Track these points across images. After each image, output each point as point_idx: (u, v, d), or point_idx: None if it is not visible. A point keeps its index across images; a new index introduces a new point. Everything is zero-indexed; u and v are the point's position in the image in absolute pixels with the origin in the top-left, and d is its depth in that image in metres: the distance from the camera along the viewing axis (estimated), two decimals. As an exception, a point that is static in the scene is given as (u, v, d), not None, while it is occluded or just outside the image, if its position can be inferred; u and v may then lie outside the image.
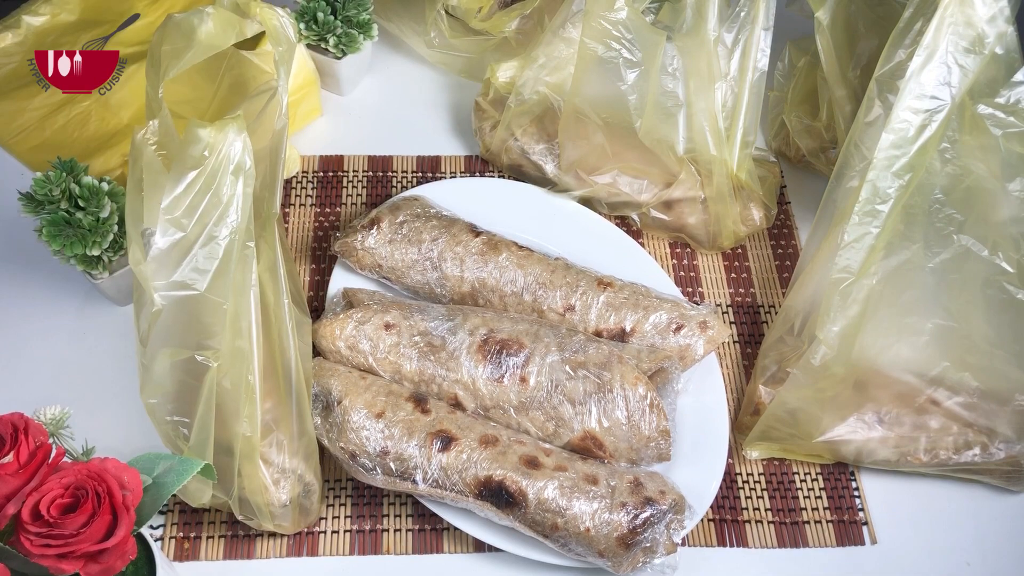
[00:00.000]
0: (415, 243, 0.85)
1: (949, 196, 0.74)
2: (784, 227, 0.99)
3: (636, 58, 0.82)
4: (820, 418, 0.78)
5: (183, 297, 0.61)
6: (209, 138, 0.61)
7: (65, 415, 0.58)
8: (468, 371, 0.78)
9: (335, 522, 0.79)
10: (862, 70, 0.89)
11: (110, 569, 0.51)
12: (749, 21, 0.84)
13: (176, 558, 0.76)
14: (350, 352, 0.79)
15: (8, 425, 0.53)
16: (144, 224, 0.62)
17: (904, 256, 0.75)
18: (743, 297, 0.94)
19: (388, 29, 1.08)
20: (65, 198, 0.76)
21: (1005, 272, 0.75)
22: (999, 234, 0.74)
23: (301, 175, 1.00)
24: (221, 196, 0.62)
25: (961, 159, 0.73)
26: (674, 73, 0.85)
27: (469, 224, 0.88)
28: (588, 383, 0.77)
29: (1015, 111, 0.72)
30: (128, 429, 0.80)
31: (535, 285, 0.84)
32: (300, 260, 0.94)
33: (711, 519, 0.80)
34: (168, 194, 0.61)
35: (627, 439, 0.76)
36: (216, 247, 0.62)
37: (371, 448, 0.73)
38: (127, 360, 0.85)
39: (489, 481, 0.72)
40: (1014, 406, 0.78)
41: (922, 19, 0.74)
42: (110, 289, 0.85)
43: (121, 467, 0.54)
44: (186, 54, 0.65)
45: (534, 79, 0.91)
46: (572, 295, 0.83)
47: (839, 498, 0.82)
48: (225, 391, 0.63)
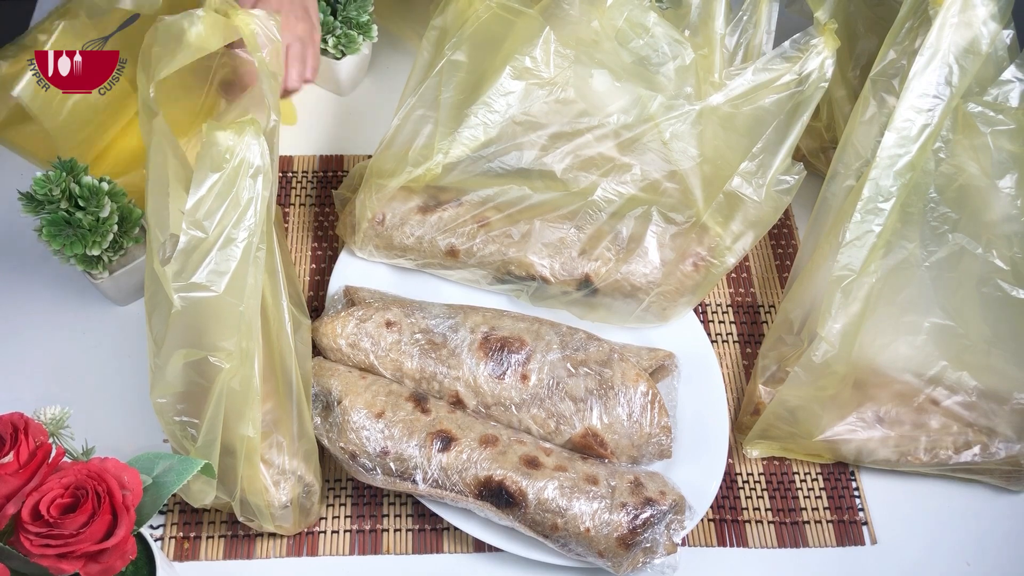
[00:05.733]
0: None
1: (943, 195, 0.75)
2: (784, 227, 0.99)
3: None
4: (820, 417, 0.78)
5: (200, 299, 0.61)
6: (229, 141, 0.62)
7: (65, 415, 0.58)
8: (469, 368, 0.78)
9: (335, 522, 0.79)
10: (862, 70, 0.90)
11: (110, 569, 0.51)
12: (752, 25, 0.84)
13: (176, 558, 0.76)
14: (351, 350, 0.79)
15: (8, 425, 0.53)
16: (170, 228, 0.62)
17: (901, 255, 0.76)
18: (743, 297, 0.94)
19: (388, 30, 1.08)
20: (65, 198, 0.76)
21: (1000, 270, 0.75)
22: (992, 232, 0.75)
23: (301, 175, 1.00)
24: (240, 199, 0.62)
25: (954, 158, 0.74)
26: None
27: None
28: (589, 380, 0.77)
29: (1003, 109, 0.73)
30: (128, 429, 0.80)
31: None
32: (300, 260, 0.94)
33: (711, 519, 0.80)
34: (191, 196, 0.61)
35: (628, 436, 0.76)
36: (235, 249, 0.62)
37: (371, 448, 0.73)
38: (127, 360, 0.85)
39: (489, 481, 0.72)
40: (1013, 405, 0.78)
41: (913, 18, 0.74)
42: (110, 289, 0.85)
43: (121, 467, 0.54)
44: (176, 56, 0.65)
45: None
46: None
47: (839, 498, 0.82)
48: (234, 392, 0.63)
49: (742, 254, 0.85)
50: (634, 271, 0.84)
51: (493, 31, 0.81)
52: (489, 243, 0.85)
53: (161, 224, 0.65)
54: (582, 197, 0.84)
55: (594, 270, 0.84)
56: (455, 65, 0.81)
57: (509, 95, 0.80)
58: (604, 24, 0.80)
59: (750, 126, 0.80)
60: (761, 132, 0.80)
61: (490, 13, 0.80)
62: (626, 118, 0.81)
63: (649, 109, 0.81)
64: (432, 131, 0.82)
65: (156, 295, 0.63)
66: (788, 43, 0.79)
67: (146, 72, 0.67)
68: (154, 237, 0.65)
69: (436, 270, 0.89)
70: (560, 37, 0.79)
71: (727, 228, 0.84)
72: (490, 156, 0.83)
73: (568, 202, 0.85)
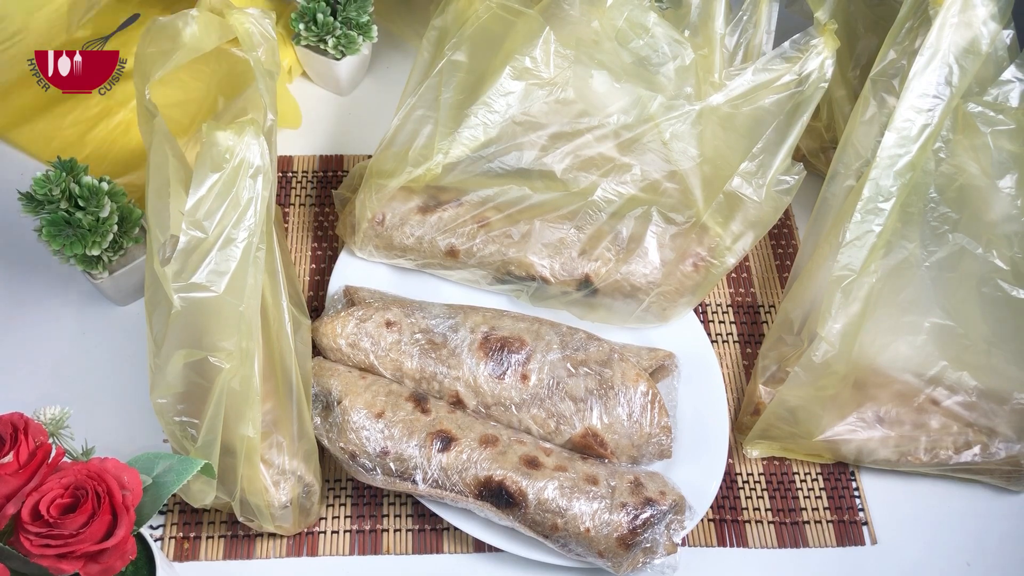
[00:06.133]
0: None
1: (943, 195, 0.75)
2: (784, 227, 0.99)
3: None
4: (820, 416, 0.78)
5: (200, 299, 0.61)
6: (229, 141, 0.62)
7: (65, 415, 0.58)
8: (469, 368, 0.78)
9: (335, 522, 0.79)
10: (862, 70, 0.90)
11: (110, 569, 0.51)
12: (752, 25, 0.84)
13: (176, 558, 0.76)
14: (351, 350, 0.79)
15: (8, 425, 0.53)
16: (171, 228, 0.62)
17: (901, 255, 0.76)
18: (743, 297, 0.94)
19: (388, 30, 1.08)
20: (65, 198, 0.76)
21: (1000, 270, 0.75)
22: (992, 232, 0.75)
23: (301, 175, 1.00)
24: (240, 199, 0.62)
25: (954, 158, 0.74)
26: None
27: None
28: (589, 380, 0.77)
29: (1003, 109, 0.73)
30: (128, 429, 0.80)
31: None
32: (300, 260, 0.94)
33: (711, 519, 0.80)
34: (191, 196, 0.61)
35: (628, 436, 0.76)
36: (235, 249, 0.62)
37: (371, 448, 0.73)
38: (127, 360, 0.85)
39: (489, 481, 0.72)
40: (1013, 405, 0.78)
41: (913, 18, 0.74)
42: (110, 289, 0.85)
43: (121, 467, 0.54)
44: (171, 56, 0.65)
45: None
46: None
47: (839, 498, 0.82)
48: (234, 392, 0.63)
49: (742, 254, 0.85)
50: (634, 271, 0.84)
51: (493, 31, 0.81)
52: (489, 243, 0.85)
53: (161, 224, 0.65)
54: (582, 197, 0.84)
55: (594, 270, 0.84)
56: (455, 65, 0.81)
57: (509, 95, 0.80)
58: (604, 24, 0.80)
59: (750, 126, 0.80)
60: (761, 132, 0.80)
61: (490, 13, 0.80)
62: (626, 118, 0.81)
63: (649, 109, 0.81)
64: (432, 131, 0.82)
65: (156, 295, 0.63)
66: (788, 43, 0.79)
67: (142, 73, 0.67)
68: (154, 237, 0.65)
69: (436, 270, 0.89)
70: (560, 37, 0.79)
71: (727, 228, 0.84)
72: (490, 156, 0.83)
73: (568, 202, 0.85)
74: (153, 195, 0.66)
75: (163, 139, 0.67)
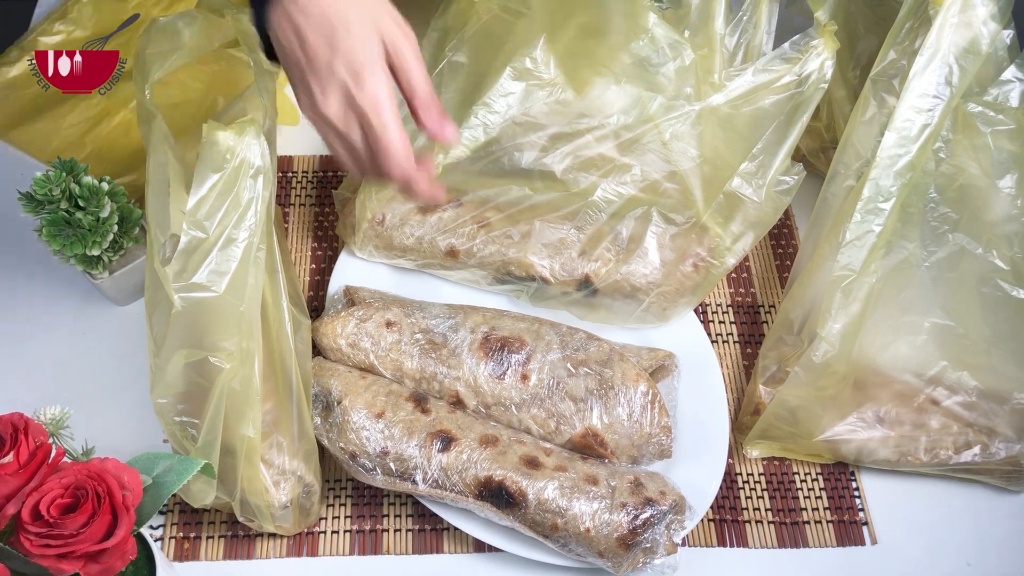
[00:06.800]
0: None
1: (943, 195, 0.75)
2: (784, 227, 1.00)
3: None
4: (820, 416, 0.78)
5: (200, 299, 0.61)
6: (229, 141, 0.62)
7: (65, 415, 0.58)
8: (469, 368, 0.78)
9: (335, 522, 0.79)
10: (862, 70, 0.89)
11: (110, 569, 0.51)
12: (752, 25, 0.84)
13: (176, 558, 0.76)
14: (351, 350, 0.79)
15: (8, 425, 0.53)
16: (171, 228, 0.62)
17: (901, 255, 0.76)
18: (743, 297, 0.94)
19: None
20: (65, 198, 0.76)
21: (1000, 270, 0.75)
22: (992, 232, 0.75)
23: (301, 175, 1.00)
24: (241, 199, 0.62)
25: (954, 158, 0.74)
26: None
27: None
28: (589, 380, 0.77)
29: (1003, 109, 0.73)
30: (128, 429, 0.80)
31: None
32: (300, 260, 0.94)
33: (711, 519, 0.80)
34: (192, 196, 0.61)
35: (628, 436, 0.76)
36: (235, 249, 0.62)
37: (371, 448, 0.73)
38: (127, 360, 0.85)
39: (489, 481, 0.72)
40: (1013, 405, 0.78)
41: (913, 18, 0.74)
42: (110, 289, 0.85)
43: (121, 467, 0.54)
44: (171, 57, 0.65)
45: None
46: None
47: (839, 498, 0.82)
48: (234, 392, 0.63)
49: (742, 255, 0.85)
50: (634, 271, 0.84)
51: (494, 32, 0.81)
52: (489, 243, 0.85)
53: (161, 224, 0.65)
54: (582, 198, 0.84)
55: (594, 270, 0.84)
56: (455, 66, 0.81)
57: (509, 96, 0.80)
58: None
59: (750, 127, 0.80)
60: (761, 133, 0.80)
61: (491, 14, 0.80)
62: (626, 119, 0.82)
63: (649, 110, 0.81)
64: (432, 131, 0.82)
65: (156, 295, 0.63)
66: (788, 44, 0.79)
67: (142, 74, 0.67)
68: (154, 237, 0.65)
69: (436, 270, 0.89)
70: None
71: (727, 228, 0.84)
72: (490, 156, 0.83)
73: (568, 202, 0.85)
74: (153, 195, 0.66)
75: (163, 139, 0.67)
